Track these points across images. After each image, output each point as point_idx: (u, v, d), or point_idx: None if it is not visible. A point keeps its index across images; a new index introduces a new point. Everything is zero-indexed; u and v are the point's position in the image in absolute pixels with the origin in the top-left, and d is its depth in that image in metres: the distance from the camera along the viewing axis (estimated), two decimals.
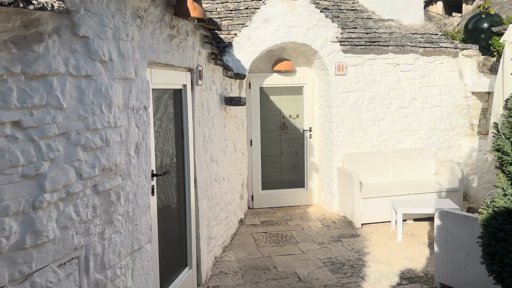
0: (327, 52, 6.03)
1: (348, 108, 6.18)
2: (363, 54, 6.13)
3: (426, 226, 5.60)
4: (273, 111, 6.72)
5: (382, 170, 6.22)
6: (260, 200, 6.66)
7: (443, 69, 6.48)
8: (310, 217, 6.14)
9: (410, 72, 6.34)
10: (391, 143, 6.39)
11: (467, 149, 6.65)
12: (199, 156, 3.93)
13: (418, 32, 6.55)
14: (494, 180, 6.25)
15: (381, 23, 6.62)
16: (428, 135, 6.53)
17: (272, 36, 5.79)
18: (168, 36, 3.13)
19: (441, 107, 6.54)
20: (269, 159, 6.74)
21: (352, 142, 6.23)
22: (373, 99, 6.25)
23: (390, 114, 6.34)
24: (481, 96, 6.73)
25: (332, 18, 6.17)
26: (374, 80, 6.22)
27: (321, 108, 6.51)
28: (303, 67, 6.63)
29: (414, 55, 6.31)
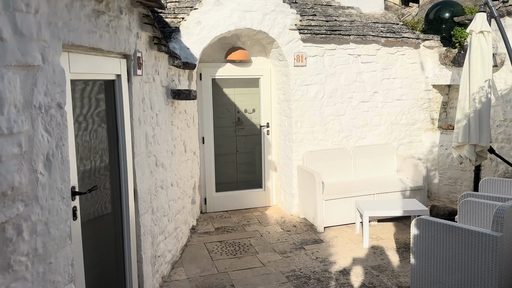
0: (286, 41, 5.51)
1: (308, 102, 5.71)
2: (323, 44, 5.68)
3: (391, 227, 5.29)
4: (227, 105, 6.12)
5: (344, 168, 5.84)
6: (214, 203, 6.06)
7: (404, 60, 6.19)
8: (269, 221, 5.64)
9: (372, 64, 5.99)
10: (352, 139, 6.02)
11: (428, 144, 6.44)
12: (140, 161, 3.26)
13: (379, 21, 6.20)
14: (456, 176, 6.09)
15: (341, 10, 6.20)
16: (390, 131, 6.23)
17: (225, 21, 5.17)
18: (93, 12, 2.43)
19: (402, 100, 6.26)
20: (224, 157, 6.15)
21: (313, 139, 5.78)
22: (334, 92, 5.83)
23: (351, 108, 5.96)
24: (441, 89, 6.54)
25: (290, 4, 5.65)
26: (334, 72, 5.80)
27: (279, 102, 6.00)
28: (259, 57, 6.08)
29: (375, 45, 5.96)
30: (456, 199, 6.20)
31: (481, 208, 3.50)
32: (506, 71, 5.38)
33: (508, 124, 5.44)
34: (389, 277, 3.95)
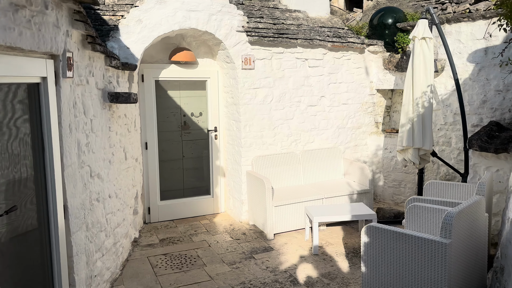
0: (233, 43, 5.33)
1: (257, 106, 5.58)
2: (271, 47, 5.57)
3: (340, 232, 5.28)
4: (172, 108, 5.82)
5: (293, 173, 5.77)
6: (159, 212, 5.74)
7: (350, 65, 6.25)
8: (218, 229, 5.42)
9: (319, 68, 5.98)
10: (301, 143, 5.97)
11: (373, 148, 6.55)
12: (71, 173, 2.93)
13: (325, 26, 6.21)
14: (400, 179, 6.23)
15: (288, 13, 6.13)
16: (337, 134, 6.26)
17: (168, 20, 4.89)
18: (10, 5, 2.10)
19: (348, 105, 6.31)
20: (169, 163, 5.85)
21: (262, 143, 5.65)
22: (283, 96, 5.74)
23: (300, 112, 5.90)
24: (385, 94, 6.68)
25: (236, 5, 5.48)
26: (283, 76, 5.71)
27: (228, 105, 5.81)
28: (206, 59, 5.85)
29: (322, 50, 5.95)
30: (401, 200, 6.35)
31: (428, 213, 3.53)
32: (446, 77, 5.57)
33: (449, 128, 5.64)
34: (339, 285, 3.89)
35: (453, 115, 5.58)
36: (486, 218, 3.37)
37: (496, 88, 5.07)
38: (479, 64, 5.21)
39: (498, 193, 4.41)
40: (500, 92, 5.03)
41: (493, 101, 5.11)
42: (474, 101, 5.30)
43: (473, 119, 5.30)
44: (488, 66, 5.12)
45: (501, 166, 4.38)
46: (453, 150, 5.61)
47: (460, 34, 5.35)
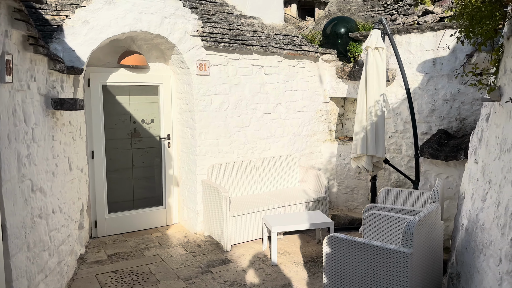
0: (187, 48, 5.14)
1: (213, 113, 5.42)
2: (227, 53, 5.45)
3: (297, 240, 5.24)
4: (121, 114, 5.51)
5: (250, 181, 5.66)
6: (107, 225, 5.39)
7: (305, 73, 6.28)
8: (171, 242, 5.18)
9: (275, 76, 5.94)
10: (257, 151, 5.89)
11: (327, 155, 6.61)
12: (10, 188, 2.61)
13: (280, 33, 6.20)
14: (353, 185, 6.32)
15: (243, 19, 6.05)
16: (292, 142, 6.25)
17: (118, 22, 4.61)
18: None
19: (303, 112, 6.33)
20: (118, 173, 5.52)
21: (218, 151, 5.50)
22: (239, 103, 5.63)
23: (256, 119, 5.82)
24: (338, 102, 6.79)
25: (190, 8, 5.31)
26: (239, 83, 5.60)
27: (182, 112, 5.60)
28: (158, 63, 5.60)
29: (278, 57, 5.92)
30: (354, 207, 6.45)
31: (386, 221, 3.56)
32: (397, 86, 5.75)
33: (399, 136, 5.81)
34: None
35: (403, 123, 5.76)
36: (442, 225, 3.45)
37: (444, 97, 5.29)
38: (428, 74, 5.42)
39: (448, 199, 4.58)
40: (448, 102, 5.26)
41: (441, 110, 5.34)
42: (423, 109, 5.50)
43: (423, 127, 5.50)
44: (437, 76, 5.34)
45: (450, 173, 4.55)
46: (403, 157, 5.79)
47: (410, 45, 5.54)
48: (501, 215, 2.10)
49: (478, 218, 2.72)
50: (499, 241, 2.06)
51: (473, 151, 3.50)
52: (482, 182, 2.81)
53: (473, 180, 3.20)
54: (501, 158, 2.32)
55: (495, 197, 2.32)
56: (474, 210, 2.88)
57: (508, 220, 1.96)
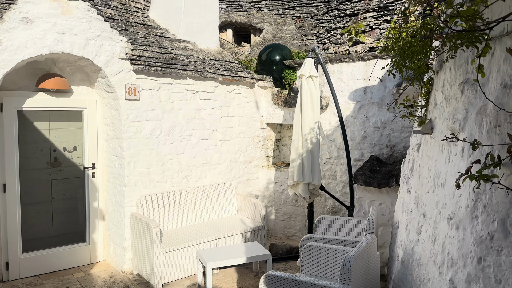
0: (115, 71, 4.82)
1: (144, 140, 5.09)
2: (159, 78, 5.19)
3: (234, 274, 5.00)
4: (39, 142, 4.99)
5: (184, 212, 5.36)
6: (21, 267, 4.76)
7: (241, 99, 6.19)
8: (95, 283, 4.69)
9: (210, 101, 5.77)
10: (193, 179, 5.62)
11: (264, 181, 6.51)
12: None
13: (216, 59, 6.08)
14: (290, 212, 6.25)
15: (176, 43, 5.85)
16: (229, 169, 6.07)
17: (36, 43, 4.20)
18: None
19: (240, 138, 6.21)
20: (34, 207, 4.94)
21: (149, 181, 5.15)
22: (172, 129, 5.36)
23: (191, 146, 5.58)
24: (274, 128, 6.76)
25: (119, 30, 5.02)
26: (172, 108, 5.35)
27: (108, 139, 5.20)
28: (82, 87, 5.19)
29: (213, 82, 5.78)
30: (291, 234, 6.37)
31: (324, 253, 3.47)
32: (330, 113, 5.84)
33: (334, 162, 5.87)
34: None
35: (337, 149, 5.83)
36: (378, 256, 3.42)
37: (374, 125, 5.44)
38: (359, 102, 5.56)
39: (382, 225, 4.63)
40: (379, 129, 5.41)
41: (372, 137, 5.47)
42: (355, 136, 5.61)
43: (356, 153, 5.60)
44: (368, 105, 5.49)
45: (383, 200, 4.62)
46: (338, 183, 5.84)
47: (342, 73, 5.68)
48: (438, 252, 2.06)
49: (414, 251, 2.70)
50: (437, 280, 2.02)
51: (405, 180, 3.55)
52: (416, 213, 2.81)
53: (407, 210, 3.22)
54: (435, 192, 2.32)
55: (430, 232, 2.30)
56: (410, 242, 2.87)
57: (446, 259, 1.91)
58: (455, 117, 1.99)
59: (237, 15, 9.06)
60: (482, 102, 1.72)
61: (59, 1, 4.33)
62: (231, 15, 9.01)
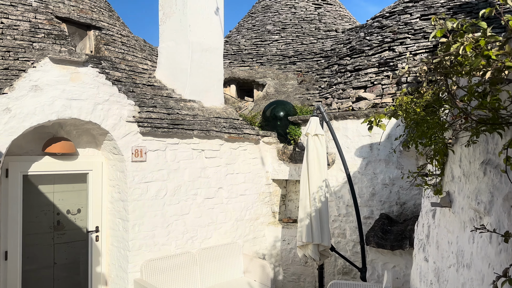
0: (122, 134, 4.83)
1: (149, 201, 5.01)
2: (165, 138, 5.20)
3: None
4: (43, 206, 4.90)
5: (190, 276, 5.16)
6: None
7: (246, 156, 6.17)
8: None
9: (216, 159, 5.75)
10: (198, 240, 5.47)
11: (271, 239, 6.35)
12: None
13: (221, 116, 6.13)
14: (299, 272, 6.04)
15: (182, 103, 5.91)
16: (235, 227, 5.93)
17: (44, 109, 4.23)
18: None
19: (246, 195, 6.12)
20: (36, 273, 4.77)
21: (153, 244, 5.01)
22: (178, 189, 5.29)
23: (196, 206, 5.48)
24: (280, 183, 6.69)
25: (126, 93, 5.09)
26: (178, 168, 5.31)
27: (113, 201, 5.12)
28: (88, 149, 5.18)
29: (219, 140, 5.79)
30: None
31: None
32: (337, 169, 5.79)
33: (342, 219, 5.75)
34: None
35: (345, 206, 5.73)
36: None
37: (383, 182, 5.38)
38: (366, 159, 5.53)
39: None
40: (387, 186, 5.34)
41: (381, 194, 5.39)
42: (364, 193, 5.53)
43: (365, 211, 5.49)
44: (374, 161, 5.46)
45: (397, 262, 4.46)
46: (348, 242, 5.68)
47: (347, 130, 5.70)
48: None
49: None
50: None
51: (421, 246, 3.43)
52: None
53: (426, 280, 3.08)
54: (460, 272, 2.21)
55: None
56: None
57: None
58: (478, 198, 1.94)
59: (240, 70, 9.27)
60: (508, 188, 1.66)
61: (69, 68, 4.42)
62: (234, 70, 9.22)
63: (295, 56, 9.31)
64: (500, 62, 1.27)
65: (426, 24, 6.46)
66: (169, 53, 6.11)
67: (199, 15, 6.02)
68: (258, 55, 9.72)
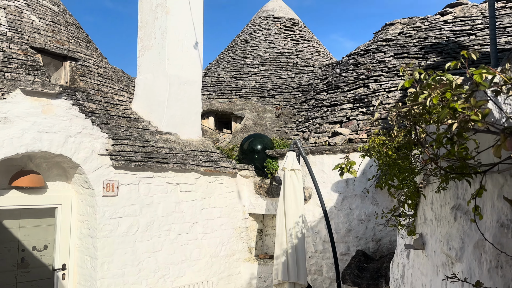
0: (93, 167, 4.70)
1: (119, 238, 4.83)
2: (139, 172, 5.09)
3: None
4: (7, 242, 4.65)
5: None
6: None
7: (223, 189, 6.08)
8: None
9: (191, 193, 5.64)
10: (170, 278, 5.27)
11: (247, 276, 6.18)
12: None
13: (198, 149, 6.07)
14: None
15: (159, 135, 5.84)
16: (210, 264, 5.76)
17: (13, 142, 4.09)
18: None
19: (221, 230, 5.99)
20: None
21: (123, 284, 4.79)
22: (150, 225, 5.13)
23: (169, 242, 5.32)
24: (257, 217, 6.60)
25: (100, 125, 4.99)
26: (151, 202, 5.18)
27: (82, 237, 4.91)
28: (58, 182, 5.00)
29: (195, 174, 5.70)
30: None
31: None
32: (314, 204, 5.76)
33: (319, 256, 5.67)
34: None
35: (322, 242, 5.67)
36: None
37: (359, 217, 5.37)
38: (342, 194, 5.54)
39: None
40: (363, 222, 5.33)
41: (357, 230, 5.37)
42: (340, 229, 5.49)
43: (341, 247, 5.44)
44: (350, 196, 5.47)
45: None
46: (325, 279, 5.59)
47: (324, 165, 5.72)
48: None
49: None
50: None
51: (396, 286, 3.39)
52: None
53: None
54: None
55: None
56: None
57: None
58: (450, 244, 1.93)
59: (219, 102, 9.30)
60: (478, 236, 1.66)
61: (41, 100, 4.32)
62: (213, 102, 9.24)
63: (273, 89, 9.44)
64: (466, 115, 1.28)
65: (399, 63, 6.68)
66: (146, 85, 6.08)
67: (178, 49, 6.06)
68: (237, 87, 9.80)
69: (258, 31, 11.25)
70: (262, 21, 11.46)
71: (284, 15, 11.47)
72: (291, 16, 11.55)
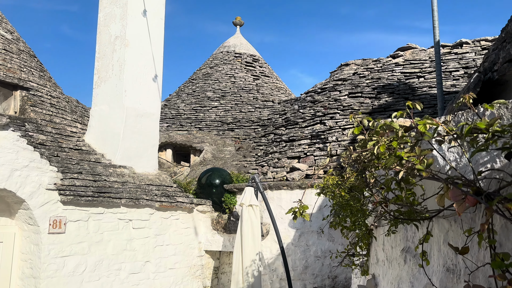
0: (40, 203, 4.43)
1: (65, 278, 4.52)
2: (89, 207, 4.85)
3: None
4: None
5: None
6: None
7: (178, 225, 5.90)
8: None
9: (144, 230, 5.43)
10: None
11: None
12: None
13: (153, 183, 5.90)
14: None
15: (112, 169, 5.64)
16: None
17: None
18: None
19: (175, 269, 5.76)
20: None
21: None
22: (99, 264, 4.86)
23: (119, 282, 5.04)
24: (213, 255, 6.43)
25: (50, 158, 4.76)
26: (101, 240, 4.92)
27: (24, 278, 4.55)
28: (1, 218, 4.66)
29: (149, 209, 5.51)
30: None
31: None
32: (271, 240, 5.70)
33: None
34: None
35: (279, 280, 5.59)
36: None
37: (315, 254, 5.36)
38: (299, 230, 5.53)
39: None
40: (319, 258, 5.32)
41: (314, 267, 5.35)
42: (297, 266, 5.45)
43: (298, 285, 5.38)
44: (307, 232, 5.47)
45: None
46: None
47: (281, 200, 5.72)
48: None
49: None
50: None
51: None
52: None
53: None
54: None
55: None
56: None
57: None
58: (400, 287, 1.95)
59: (178, 134, 9.19)
60: (426, 280, 1.68)
61: None
62: (172, 134, 9.12)
63: (233, 123, 9.48)
64: (412, 163, 1.32)
65: (354, 101, 6.95)
66: (101, 116, 5.91)
67: (136, 81, 5.98)
68: (197, 120, 9.77)
69: (219, 65, 11.40)
70: (224, 55, 11.65)
71: (245, 51, 11.73)
72: (252, 53, 11.83)
